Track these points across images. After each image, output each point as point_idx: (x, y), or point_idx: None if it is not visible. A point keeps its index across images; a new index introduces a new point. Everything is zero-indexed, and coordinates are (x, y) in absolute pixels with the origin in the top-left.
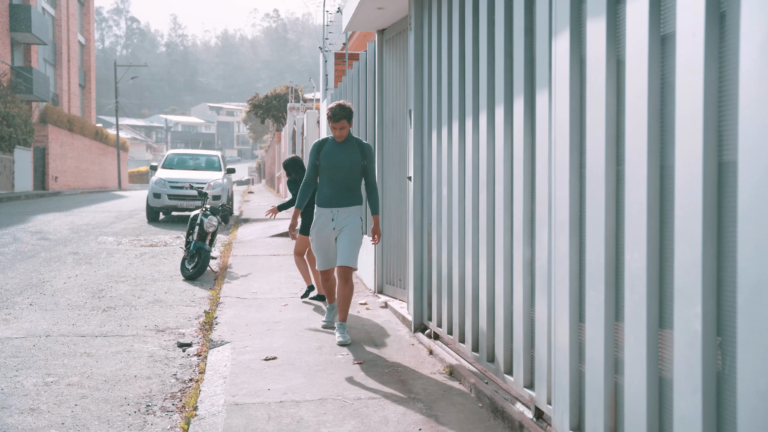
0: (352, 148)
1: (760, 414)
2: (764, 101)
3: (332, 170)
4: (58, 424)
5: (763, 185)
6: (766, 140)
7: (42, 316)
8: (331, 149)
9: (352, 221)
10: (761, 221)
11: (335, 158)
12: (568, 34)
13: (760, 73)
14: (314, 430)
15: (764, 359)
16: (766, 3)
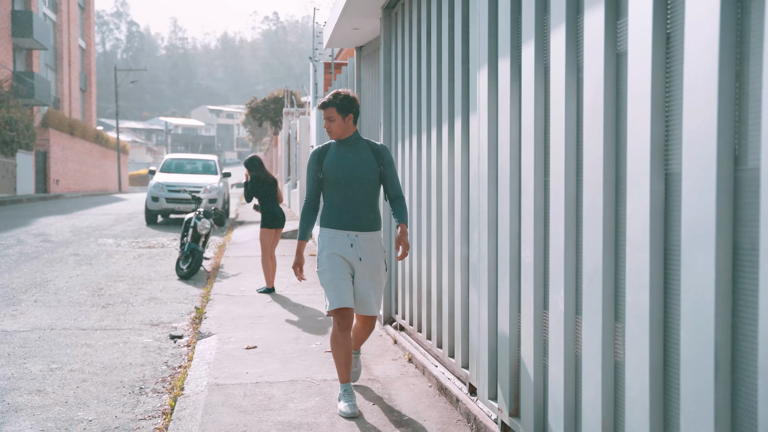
0: (363, 151)
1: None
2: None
3: (342, 183)
4: (62, 402)
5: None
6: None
7: (46, 312)
8: (337, 156)
9: (375, 255)
10: (595, 227)
11: (344, 167)
12: (486, 68)
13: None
14: (282, 405)
15: (596, 328)
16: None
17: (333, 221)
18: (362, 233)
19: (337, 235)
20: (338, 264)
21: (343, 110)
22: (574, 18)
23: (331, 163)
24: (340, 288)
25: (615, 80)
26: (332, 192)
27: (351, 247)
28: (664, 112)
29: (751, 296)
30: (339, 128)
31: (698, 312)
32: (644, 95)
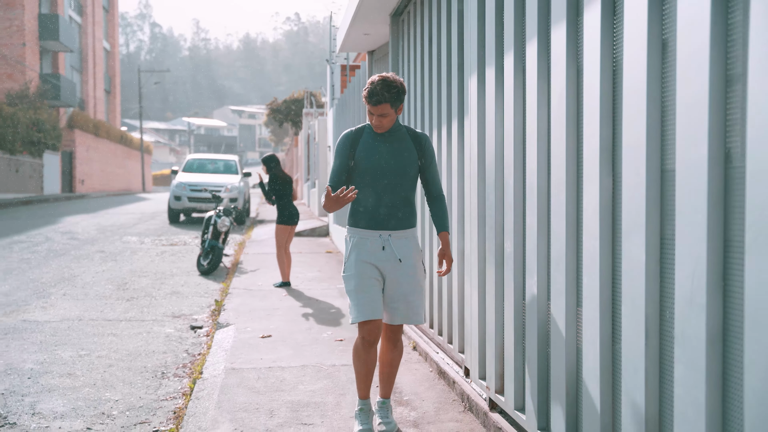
0: (403, 141)
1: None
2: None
3: (375, 175)
4: (90, 384)
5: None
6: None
7: (74, 304)
8: (373, 143)
9: (410, 254)
10: (559, 219)
11: (380, 156)
12: (476, 75)
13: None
14: (293, 387)
15: (561, 309)
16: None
17: (362, 220)
18: (396, 232)
19: (366, 237)
20: (366, 270)
21: (397, 102)
22: (545, 33)
23: (365, 150)
24: (368, 297)
25: (576, 89)
26: (363, 184)
27: (383, 250)
28: (611, 121)
29: (670, 276)
30: (391, 123)
31: (633, 290)
32: (595, 105)
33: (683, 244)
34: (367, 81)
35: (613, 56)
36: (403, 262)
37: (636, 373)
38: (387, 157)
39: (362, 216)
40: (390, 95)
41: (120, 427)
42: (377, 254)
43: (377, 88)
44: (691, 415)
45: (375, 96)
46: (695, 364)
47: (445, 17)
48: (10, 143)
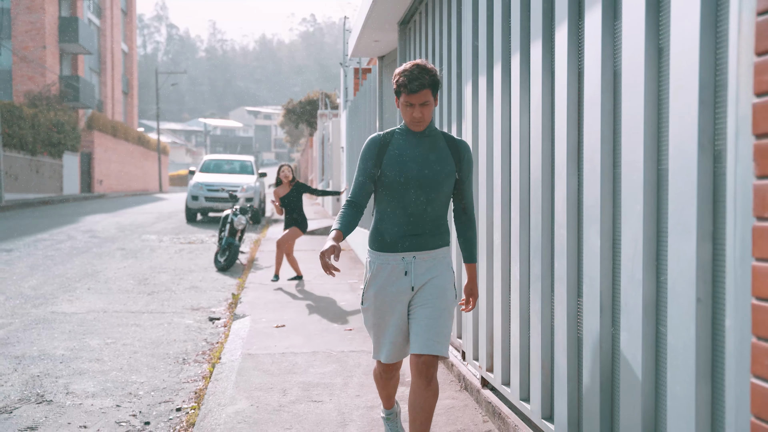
0: (439, 148)
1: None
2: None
3: (406, 187)
4: (117, 368)
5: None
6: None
7: (98, 298)
8: (404, 150)
9: (439, 273)
10: (536, 211)
11: (411, 166)
12: (470, 82)
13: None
14: (304, 370)
15: (537, 291)
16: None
17: (385, 242)
18: (422, 254)
19: (387, 262)
20: (386, 307)
21: (436, 89)
22: (527, 46)
23: (394, 158)
24: (387, 339)
25: (550, 99)
26: (389, 198)
27: (405, 275)
28: (576, 126)
29: (618, 258)
30: (430, 116)
31: (591, 271)
32: (564, 112)
33: (626, 231)
34: (396, 72)
35: (578, 71)
36: (425, 285)
37: (594, 344)
38: (420, 167)
39: (385, 236)
40: (430, 78)
41: (146, 405)
42: (399, 282)
43: (415, 72)
44: (631, 374)
45: (415, 81)
46: (634, 330)
47: (446, 27)
48: (31, 144)
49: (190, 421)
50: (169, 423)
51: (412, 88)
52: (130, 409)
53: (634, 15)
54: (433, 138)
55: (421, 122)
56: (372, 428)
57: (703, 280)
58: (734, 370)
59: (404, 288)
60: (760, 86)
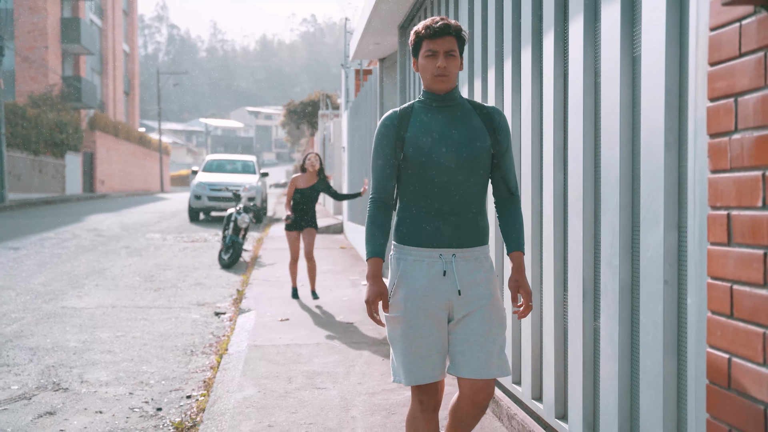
0: (469, 118)
1: None
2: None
3: (436, 168)
4: (128, 359)
5: None
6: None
7: (106, 294)
8: (428, 123)
9: (484, 279)
10: (525, 207)
11: (439, 141)
12: (467, 83)
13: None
14: (308, 360)
15: (528, 279)
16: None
17: (416, 234)
18: (463, 251)
19: (421, 258)
20: (420, 315)
21: (462, 44)
22: (518, 51)
23: (418, 134)
24: (421, 353)
25: (539, 101)
26: (417, 184)
27: (444, 276)
28: (562, 126)
29: (599, 246)
30: (455, 71)
31: (575, 259)
32: (551, 113)
33: (606, 221)
34: (413, 30)
35: (564, 76)
36: (470, 293)
37: (577, 326)
38: (450, 142)
39: (415, 228)
40: (455, 28)
41: (158, 393)
42: (437, 284)
43: (437, 19)
44: (610, 352)
45: (438, 24)
46: (612, 313)
47: None
48: (34, 144)
49: (201, 407)
50: (180, 409)
51: (435, 31)
52: (142, 397)
53: (611, 25)
54: (461, 106)
55: (446, 77)
56: (374, 412)
57: (669, 264)
58: (694, 343)
59: (446, 292)
60: (712, 92)
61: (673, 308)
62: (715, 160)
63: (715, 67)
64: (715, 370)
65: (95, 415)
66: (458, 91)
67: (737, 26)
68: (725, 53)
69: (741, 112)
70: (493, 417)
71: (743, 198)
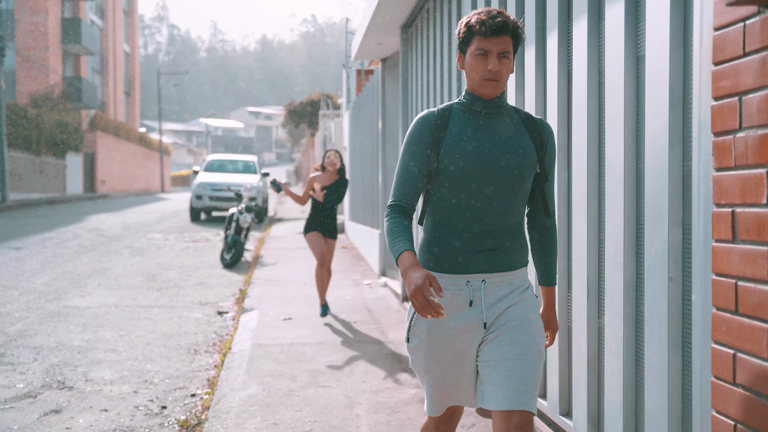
0: (515, 128)
1: None
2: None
3: (476, 181)
4: (132, 358)
5: None
6: None
7: (109, 293)
8: (470, 130)
9: (519, 301)
10: None
11: (482, 151)
12: None
13: None
14: (312, 358)
15: None
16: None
17: (442, 259)
18: (494, 276)
19: (445, 287)
20: (445, 345)
21: (518, 45)
22: (521, 51)
23: (457, 143)
24: (447, 389)
25: (543, 100)
26: (449, 199)
27: (470, 306)
28: (566, 126)
29: (603, 245)
30: (507, 74)
31: (579, 257)
32: (554, 113)
33: (610, 219)
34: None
35: (568, 75)
36: (499, 320)
37: (582, 323)
38: (493, 156)
39: (442, 251)
40: (512, 26)
41: (162, 391)
42: (462, 316)
43: (494, 13)
44: (614, 348)
45: (496, 19)
46: (616, 310)
47: (446, 31)
48: (35, 144)
49: (205, 405)
50: (185, 407)
51: (491, 27)
52: (147, 395)
53: (615, 25)
54: (507, 115)
55: (497, 82)
56: (378, 410)
57: (674, 261)
58: (699, 339)
59: (471, 324)
60: (716, 91)
61: (678, 305)
62: (719, 158)
63: (720, 67)
64: (720, 366)
65: (100, 413)
66: (506, 97)
67: (741, 26)
68: (729, 53)
69: (745, 110)
70: None
71: (748, 195)
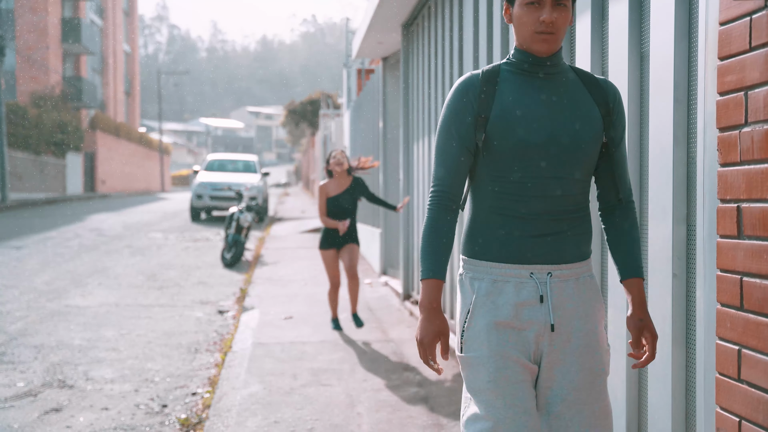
0: (575, 91)
1: None
2: None
3: (531, 157)
4: (133, 357)
5: None
6: None
7: (110, 293)
8: (522, 95)
9: (587, 313)
10: None
11: (540, 122)
12: None
13: None
14: (313, 357)
15: None
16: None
17: (498, 246)
18: (561, 268)
19: (505, 278)
20: (512, 347)
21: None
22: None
23: (507, 110)
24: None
25: None
26: (501, 179)
27: (541, 303)
28: None
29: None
30: (564, 27)
31: None
32: None
33: None
34: None
35: None
36: (567, 328)
37: None
38: (550, 124)
39: (496, 238)
40: None
41: (163, 390)
42: (528, 314)
43: None
44: (617, 346)
45: None
46: (620, 306)
47: (448, 29)
48: (35, 144)
49: (206, 403)
50: (185, 405)
51: None
52: (147, 394)
53: (619, 22)
54: (564, 75)
55: (552, 36)
56: (379, 409)
57: (678, 257)
58: (703, 335)
59: (537, 324)
60: (722, 86)
61: (682, 301)
62: (725, 154)
63: (725, 62)
64: (725, 362)
65: (101, 411)
66: (562, 55)
67: (747, 20)
68: (735, 47)
69: (751, 105)
70: None
71: (753, 190)
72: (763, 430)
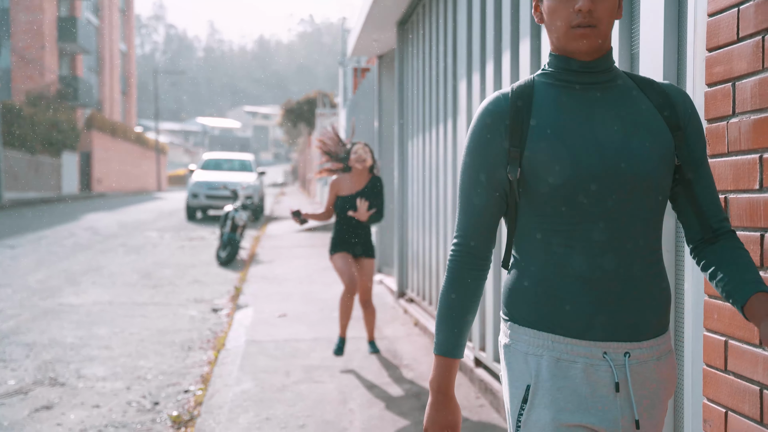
0: (632, 100)
1: None
2: None
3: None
4: (126, 355)
5: None
6: None
7: (104, 291)
8: (567, 114)
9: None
10: None
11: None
12: (465, 79)
13: None
14: (306, 354)
15: None
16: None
17: (563, 314)
18: (641, 347)
19: (573, 358)
20: None
21: None
22: (516, 45)
23: (548, 134)
24: None
25: None
26: (548, 223)
27: (616, 394)
28: None
29: None
30: (608, 18)
31: None
32: None
33: None
34: None
35: None
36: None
37: None
38: (605, 147)
39: (556, 302)
40: None
41: (155, 387)
42: (604, 404)
43: None
44: None
45: None
46: None
47: (442, 27)
48: (31, 143)
49: (198, 400)
50: (177, 403)
51: None
52: (139, 391)
53: None
54: (618, 83)
55: (593, 30)
56: (371, 405)
57: (666, 250)
58: (691, 327)
59: (613, 420)
60: (710, 78)
61: None
62: (712, 145)
63: (714, 53)
64: (712, 353)
65: (92, 409)
66: (613, 58)
67: (735, 11)
68: (723, 38)
69: (739, 96)
70: (491, 410)
71: (741, 181)
72: (749, 420)
